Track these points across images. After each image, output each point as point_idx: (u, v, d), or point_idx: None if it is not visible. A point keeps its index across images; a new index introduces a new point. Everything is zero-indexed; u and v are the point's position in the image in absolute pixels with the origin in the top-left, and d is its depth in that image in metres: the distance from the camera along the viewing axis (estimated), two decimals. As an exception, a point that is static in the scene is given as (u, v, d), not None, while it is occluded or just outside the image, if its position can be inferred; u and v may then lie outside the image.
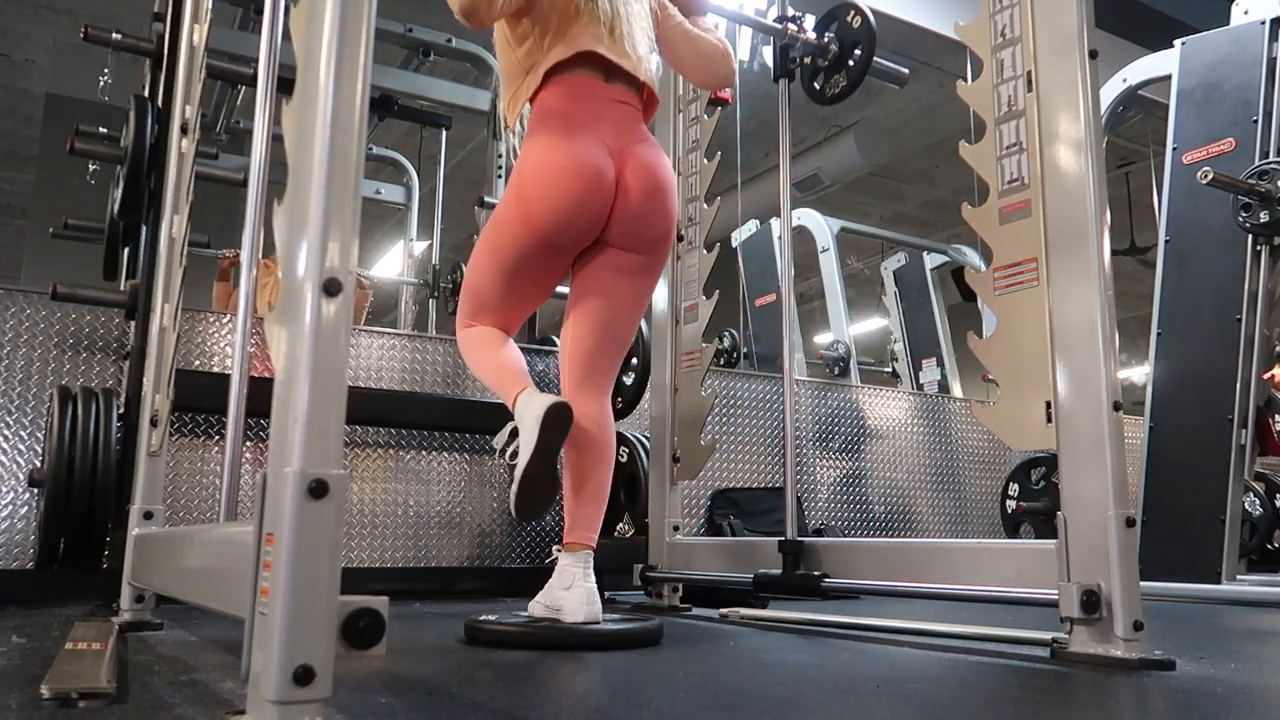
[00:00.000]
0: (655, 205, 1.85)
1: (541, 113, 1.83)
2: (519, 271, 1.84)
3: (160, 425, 1.92)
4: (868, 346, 8.52)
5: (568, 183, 1.75)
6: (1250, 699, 1.25)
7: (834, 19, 2.52)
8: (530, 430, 1.66)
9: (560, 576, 1.80)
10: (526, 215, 1.77)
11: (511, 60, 1.89)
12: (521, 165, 1.81)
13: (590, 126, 1.80)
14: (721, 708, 1.17)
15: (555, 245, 1.81)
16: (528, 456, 1.66)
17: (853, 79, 2.49)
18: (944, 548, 1.92)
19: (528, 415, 1.68)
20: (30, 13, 6.01)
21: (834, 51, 2.51)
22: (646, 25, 1.95)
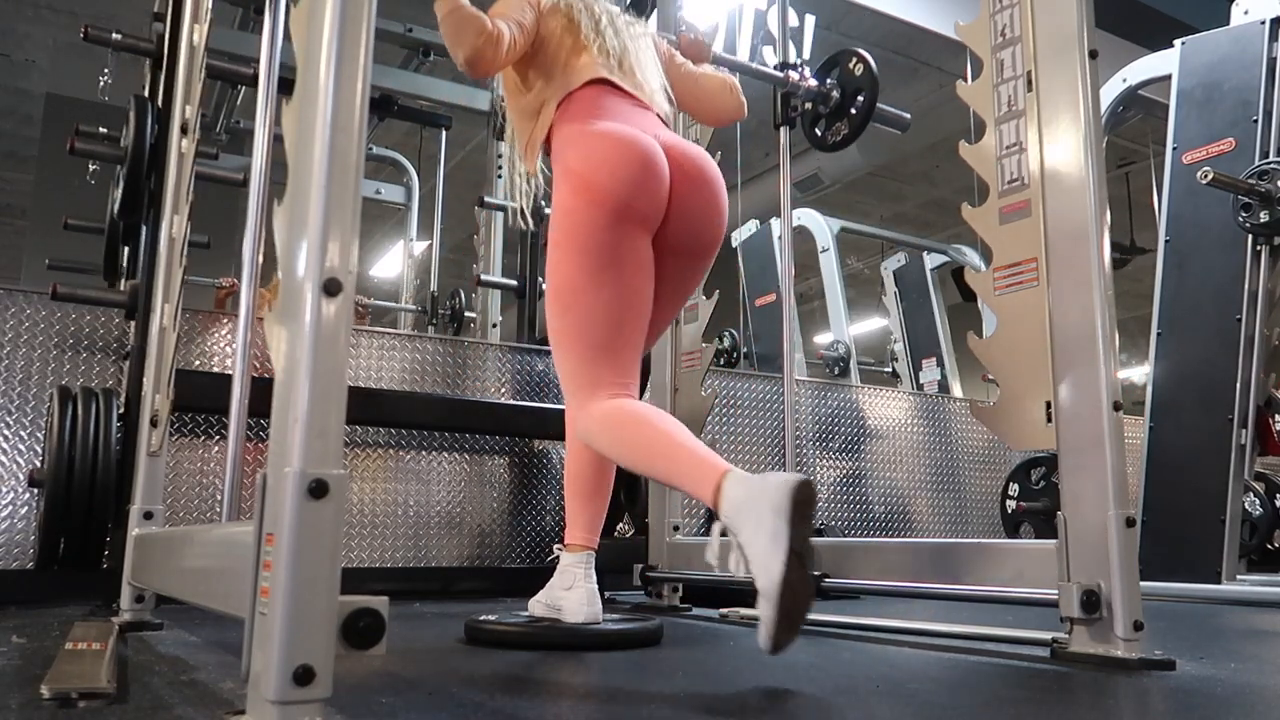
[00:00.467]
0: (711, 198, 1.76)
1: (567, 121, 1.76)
2: (612, 262, 1.62)
3: (160, 425, 1.92)
4: (868, 346, 8.52)
5: (621, 146, 1.65)
6: (1250, 699, 1.25)
7: (835, 65, 2.49)
8: (770, 526, 1.24)
9: (561, 576, 1.80)
10: (591, 190, 1.63)
11: (522, 104, 1.86)
12: (567, 163, 1.69)
13: (627, 119, 1.74)
14: (722, 708, 1.17)
15: (634, 214, 1.63)
16: (780, 564, 1.22)
17: (855, 127, 2.45)
18: (944, 548, 1.92)
19: (756, 506, 1.27)
20: (30, 13, 6.01)
21: (835, 99, 2.48)
22: (655, 62, 1.94)
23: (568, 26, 1.84)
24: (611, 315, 1.62)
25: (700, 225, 1.76)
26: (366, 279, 8.62)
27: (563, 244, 1.65)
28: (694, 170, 1.74)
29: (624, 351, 1.64)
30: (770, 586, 1.22)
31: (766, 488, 1.27)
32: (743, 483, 1.32)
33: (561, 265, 1.65)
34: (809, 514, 1.26)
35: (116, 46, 2.48)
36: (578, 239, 1.63)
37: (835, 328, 6.21)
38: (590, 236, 1.62)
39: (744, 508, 1.29)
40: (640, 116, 1.77)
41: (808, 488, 1.26)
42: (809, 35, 5.48)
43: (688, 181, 1.72)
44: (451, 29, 1.71)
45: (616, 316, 1.62)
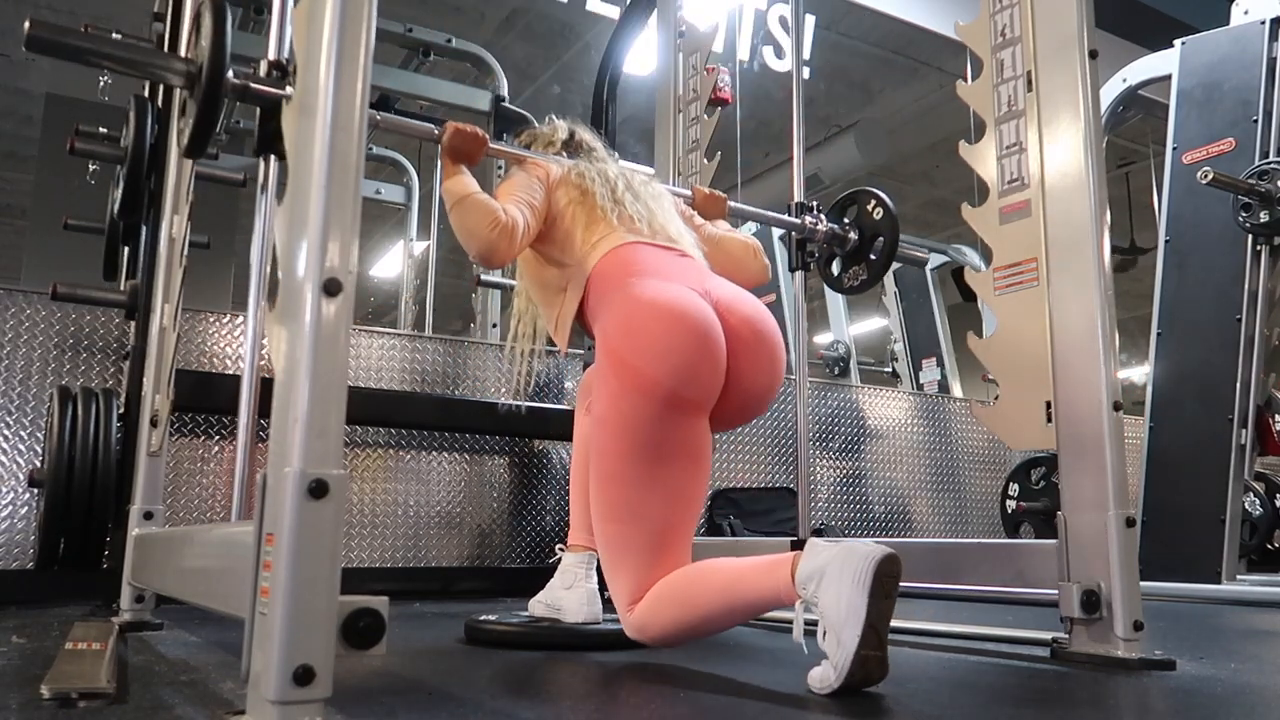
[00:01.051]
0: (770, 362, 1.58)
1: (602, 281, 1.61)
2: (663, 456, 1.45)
3: (160, 425, 1.92)
4: (868, 346, 8.52)
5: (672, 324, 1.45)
6: (1250, 699, 1.25)
7: (852, 203, 2.31)
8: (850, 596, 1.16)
9: (562, 576, 1.80)
10: (638, 378, 1.44)
11: (544, 278, 1.74)
12: (608, 336, 1.52)
13: (668, 275, 1.57)
14: (722, 707, 1.17)
15: (685, 403, 1.45)
16: (857, 633, 1.15)
17: (874, 273, 2.27)
18: (944, 548, 1.92)
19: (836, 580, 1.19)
20: (30, 13, 6.01)
21: (853, 241, 2.29)
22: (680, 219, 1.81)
23: (580, 199, 1.72)
24: (663, 515, 1.46)
25: (758, 392, 1.58)
26: (366, 279, 8.62)
27: (609, 431, 1.47)
28: (752, 337, 1.55)
29: (674, 549, 1.47)
30: (843, 661, 1.16)
31: (846, 564, 1.19)
32: (820, 552, 1.23)
33: (608, 455, 1.47)
34: (893, 589, 1.19)
35: (116, 46, 2.48)
36: (625, 427, 1.45)
37: (835, 328, 6.21)
38: (639, 427, 1.44)
39: (821, 577, 1.21)
40: (684, 268, 1.62)
41: (894, 563, 1.18)
42: (809, 35, 5.49)
43: (746, 349, 1.54)
44: (462, 219, 1.62)
45: (668, 516, 1.46)
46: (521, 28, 5.96)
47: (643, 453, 1.44)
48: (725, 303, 1.55)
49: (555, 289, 1.70)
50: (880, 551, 1.18)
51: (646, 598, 1.43)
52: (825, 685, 1.19)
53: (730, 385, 1.52)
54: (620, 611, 1.48)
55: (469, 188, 1.65)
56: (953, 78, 5.08)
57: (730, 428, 1.66)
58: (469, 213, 1.62)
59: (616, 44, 3.18)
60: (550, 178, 1.76)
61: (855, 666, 1.16)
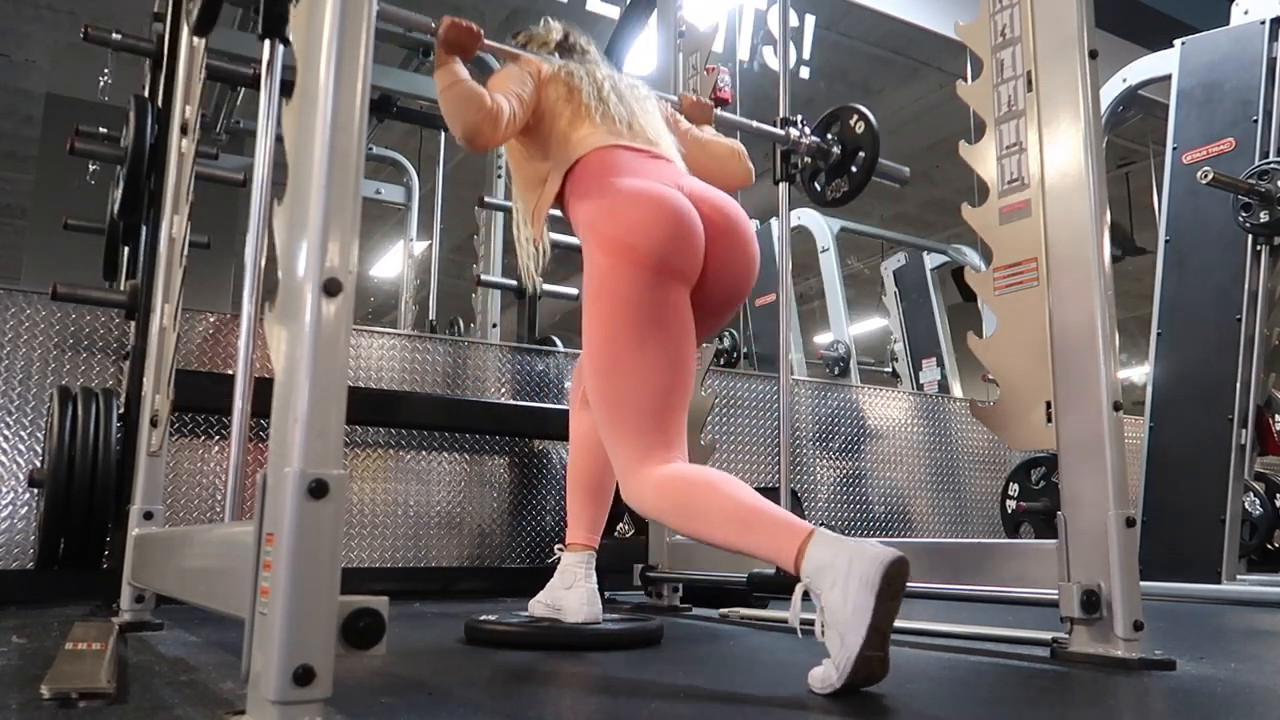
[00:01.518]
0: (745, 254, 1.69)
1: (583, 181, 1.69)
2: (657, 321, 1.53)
3: (160, 425, 1.92)
4: (868, 346, 8.52)
5: (656, 207, 1.56)
6: (1250, 699, 1.25)
7: (835, 120, 2.44)
8: (857, 600, 1.18)
9: (562, 576, 1.80)
10: (631, 252, 1.53)
11: (529, 171, 1.80)
12: (594, 224, 1.60)
13: (645, 173, 1.66)
14: (721, 708, 1.17)
15: (673, 272, 1.55)
16: (860, 641, 1.16)
17: (855, 185, 2.40)
18: (944, 548, 1.92)
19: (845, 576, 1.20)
20: (30, 13, 6.01)
21: (835, 155, 2.43)
22: (663, 124, 1.87)
23: (567, 96, 1.78)
24: (659, 377, 1.52)
25: (734, 279, 1.68)
26: (366, 279, 8.62)
27: (602, 302, 1.55)
28: (725, 224, 1.65)
29: (671, 414, 1.53)
30: (845, 661, 1.17)
31: (856, 560, 1.20)
32: (832, 545, 1.24)
33: (604, 323, 1.54)
34: (899, 591, 1.19)
35: (116, 46, 2.48)
36: (619, 295, 1.53)
37: (835, 328, 6.21)
38: (632, 294, 1.52)
39: (830, 571, 1.22)
40: (660, 168, 1.69)
41: (902, 566, 1.19)
42: (809, 35, 5.49)
43: (721, 237, 1.63)
44: (450, 104, 1.67)
45: (664, 379, 1.52)
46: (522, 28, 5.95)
47: (637, 317, 1.52)
48: (699, 194, 1.66)
49: (535, 182, 1.78)
50: (889, 554, 1.19)
51: (656, 482, 1.47)
52: (826, 685, 1.19)
53: (709, 268, 1.62)
54: (619, 473, 1.52)
55: (460, 75, 1.71)
56: (953, 78, 5.08)
57: (710, 328, 1.74)
58: (457, 97, 1.67)
59: (616, 44, 3.18)
60: (541, 74, 1.82)
61: (858, 666, 1.17)
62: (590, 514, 1.84)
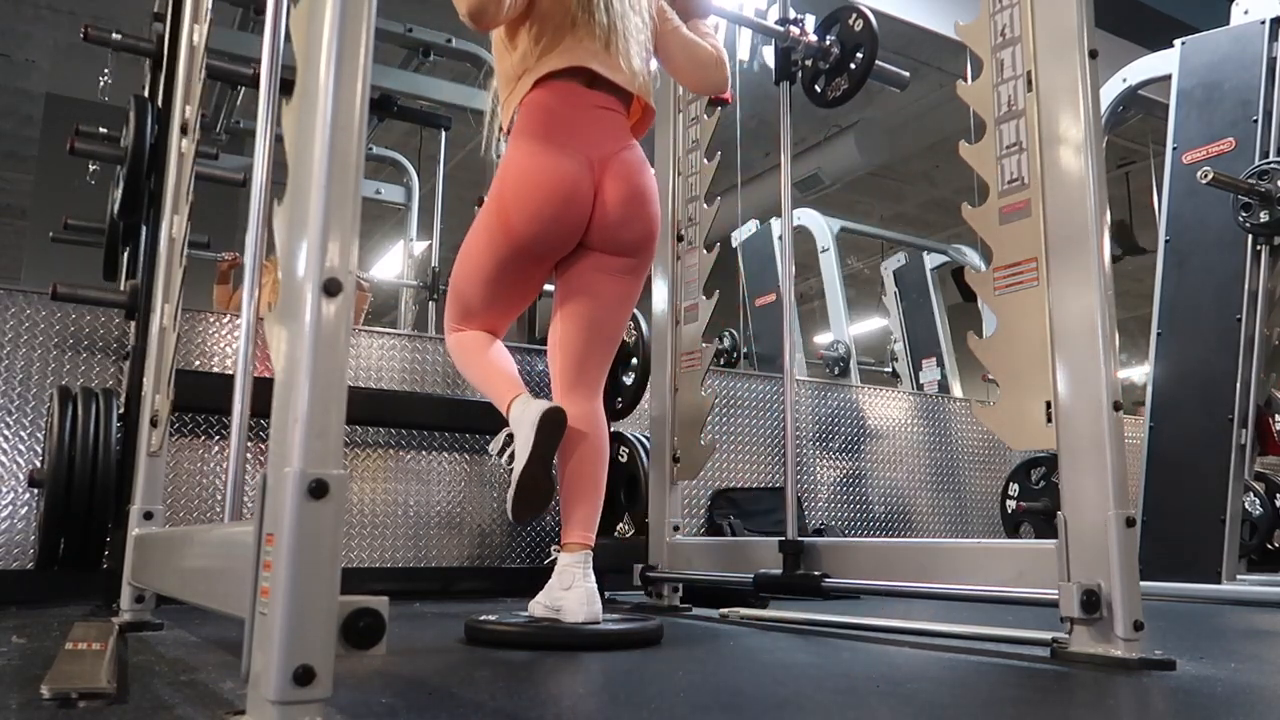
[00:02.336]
0: (634, 211, 1.86)
1: (526, 116, 1.83)
2: (500, 277, 1.87)
3: (160, 425, 1.92)
4: (868, 346, 8.51)
5: (545, 196, 1.78)
6: (1250, 699, 1.26)
7: (835, 21, 2.50)
8: (526, 435, 1.69)
9: (560, 576, 1.80)
10: (506, 224, 1.81)
11: (507, 64, 1.89)
12: (504, 172, 1.83)
13: (572, 135, 1.81)
14: (721, 708, 1.17)
15: (534, 254, 1.84)
16: (524, 461, 1.69)
17: (854, 82, 2.47)
18: (944, 548, 1.92)
19: (523, 421, 1.71)
20: (30, 13, 6.01)
21: (835, 54, 2.49)
22: (644, 38, 1.93)
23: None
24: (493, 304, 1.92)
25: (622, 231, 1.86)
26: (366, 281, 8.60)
27: (472, 247, 1.88)
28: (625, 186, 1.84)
29: (495, 314, 1.94)
30: (516, 473, 1.71)
31: (528, 409, 1.71)
32: (521, 402, 1.76)
33: (464, 261, 1.89)
34: (555, 430, 1.71)
35: (116, 46, 2.48)
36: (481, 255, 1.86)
37: (835, 328, 6.21)
38: (491, 256, 1.85)
39: (518, 419, 1.74)
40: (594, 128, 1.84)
41: (557, 412, 1.71)
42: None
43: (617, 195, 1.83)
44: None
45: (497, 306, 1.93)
46: (521, 28, 5.94)
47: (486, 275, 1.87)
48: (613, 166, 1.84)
49: (512, 77, 1.87)
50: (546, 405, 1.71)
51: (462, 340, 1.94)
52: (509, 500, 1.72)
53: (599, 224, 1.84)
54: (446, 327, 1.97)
55: None
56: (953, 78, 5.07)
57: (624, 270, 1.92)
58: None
59: (616, 44, 3.17)
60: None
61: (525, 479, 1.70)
62: (583, 512, 1.84)
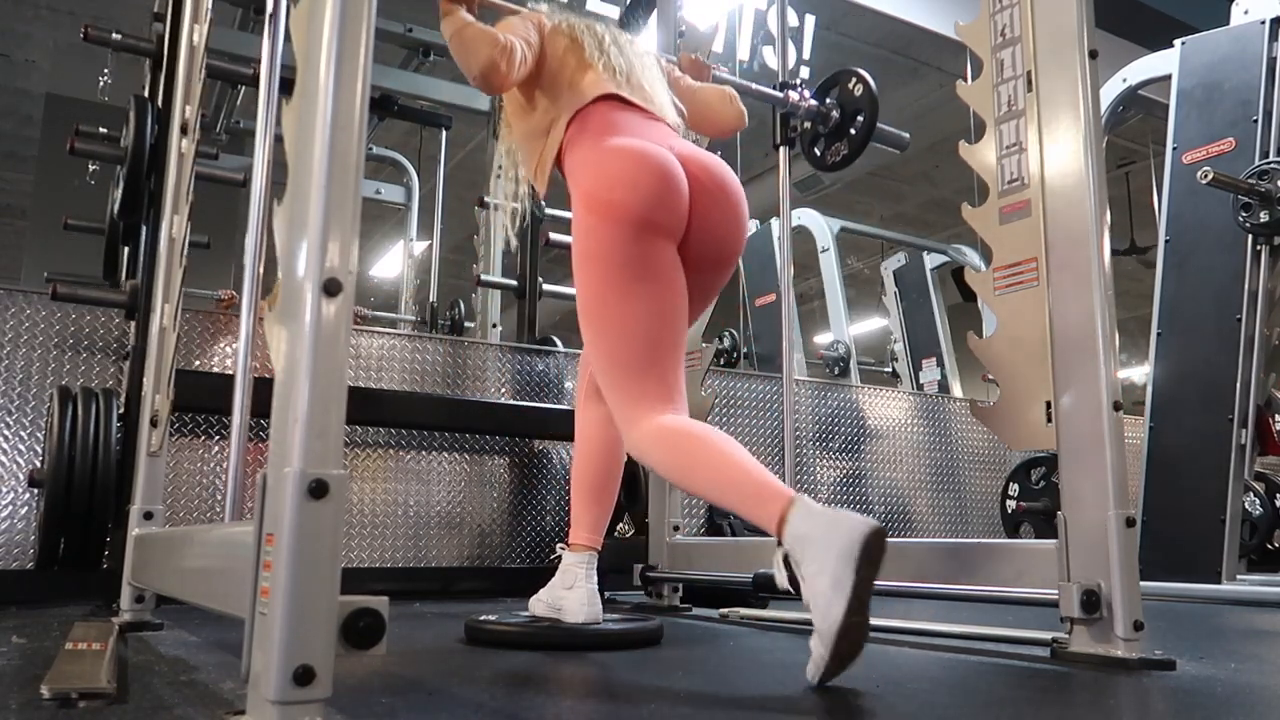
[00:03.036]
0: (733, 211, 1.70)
1: (579, 136, 1.72)
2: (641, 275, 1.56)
3: (160, 425, 1.92)
4: (868, 346, 8.52)
5: (636, 161, 1.59)
6: (1250, 699, 1.25)
7: (835, 84, 2.46)
8: (837, 564, 1.22)
9: (563, 576, 1.80)
10: (610, 208, 1.57)
11: (529, 124, 1.82)
12: (579, 181, 1.66)
13: (636, 132, 1.69)
14: (721, 708, 1.17)
15: (655, 227, 1.57)
16: (842, 608, 1.20)
17: (854, 148, 2.43)
18: (944, 548, 1.92)
19: (828, 545, 1.24)
20: (30, 13, 6.01)
21: (835, 119, 2.45)
22: (660, 77, 1.91)
23: (571, 46, 1.82)
24: (647, 329, 1.55)
25: (721, 237, 1.69)
26: (366, 279, 8.62)
27: (587, 262, 1.58)
28: (712, 183, 1.68)
29: (665, 364, 1.56)
30: (828, 630, 1.21)
31: (836, 528, 1.24)
32: (810, 517, 1.28)
33: (590, 283, 1.58)
34: (877, 561, 1.23)
35: (116, 46, 2.48)
36: (602, 254, 1.56)
37: (835, 328, 6.21)
38: (615, 250, 1.55)
39: (809, 545, 1.25)
40: (652, 129, 1.73)
41: (879, 537, 1.23)
42: (809, 35, 5.49)
43: (707, 195, 1.66)
44: (462, 45, 1.69)
45: (653, 331, 1.55)
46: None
47: (622, 273, 1.55)
48: (688, 155, 1.68)
49: (539, 133, 1.79)
50: (867, 527, 1.23)
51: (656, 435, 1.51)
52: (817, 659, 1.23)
53: (695, 225, 1.64)
54: (621, 426, 1.57)
55: (468, 19, 1.73)
56: (953, 78, 5.08)
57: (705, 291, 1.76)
58: (470, 38, 1.69)
59: (616, 44, 3.17)
60: (543, 25, 1.84)
61: (841, 635, 1.21)
62: (593, 514, 1.84)
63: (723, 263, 1.75)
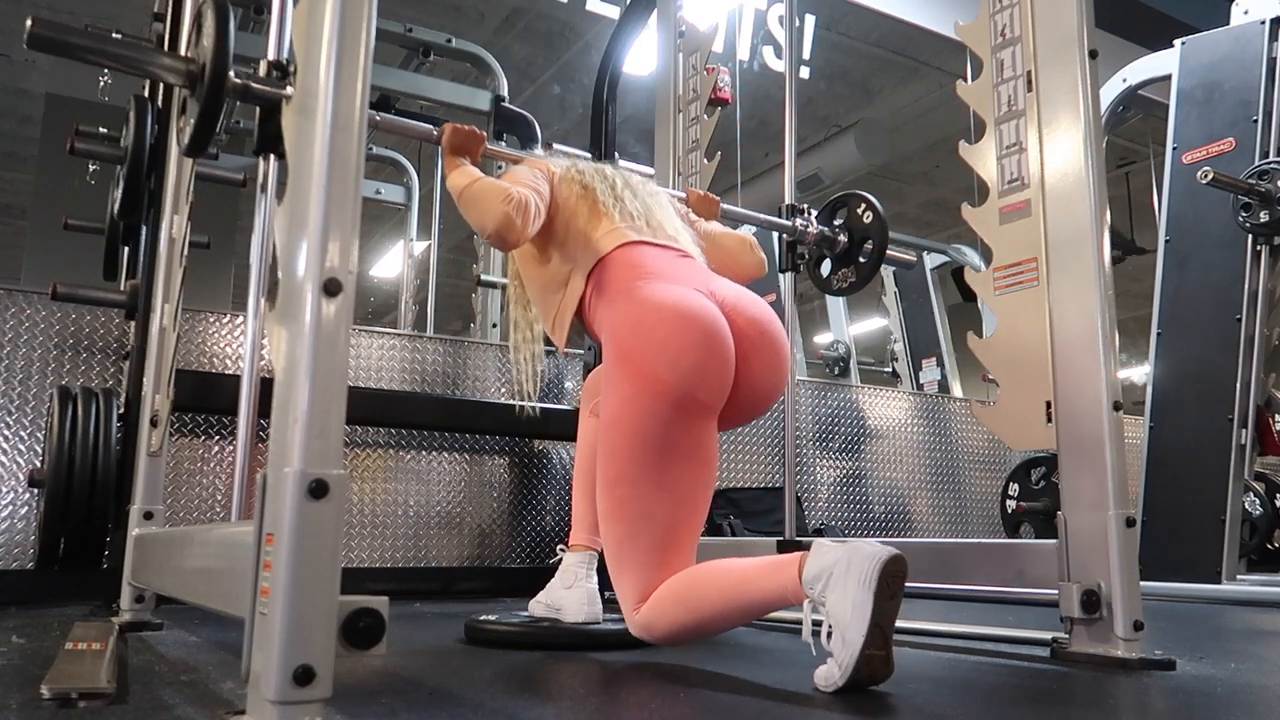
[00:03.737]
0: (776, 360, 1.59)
1: (606, 284, 1.63)
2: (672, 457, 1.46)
3: (160, 425, 1.92)
4: (868, 346, 8.52)
5: (683, 325, 1.47)
6: (1250, 699, 1.26)
7: (843, 206, 2.35)
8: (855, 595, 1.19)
9: (563, 576, 1.80)
10: (650, 381, 1.45)
11: (545, 276, 1.74)
12: (617, 336, 1.53)
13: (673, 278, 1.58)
14: (721, 708, 1.17)
15: (696, 405, 1.47)
16: (862, 635, 1.17)
17: (863, 276, 2.30)
18: (944, 548, 1.92)
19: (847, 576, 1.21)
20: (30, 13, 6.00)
21: (842, 244, 2.33)
22: (676, 216, 1.85)
23: (582, 195, 1.75)
24: (670, 518, 1.46)
25: (765, 388, 1.59)
26: (366, 279, 8.62)
27: (619, 431, 1.48)
28: (758, 335, 1.57)
29: (678, 554, 1.47)
30: (848, 660, 1.18)
31: (852, 563, 1.20)
32: (825, 553, 1.25)
33: (617, 455, 1.47)
34: (899, 590, 1.20)
35: (116, 46, 2.48)
36: (635, 431, 1.46)
37: (835, 328, 6.22)
38: (650, 429, 1.45)
39: (829, 577, 1.22)
40: (688, 269, 1.64)
41: (899, 564, 1.20)
42: (809, 36, 5.49)
43: (753, 349, 1.55)
44: (473, 201, 1.63)
45: (675, 520, 1.47)
46: (521, 28, 5.96)
47: (653, 454, 1.45)
48: (731, 303, 1.57)
49: (556, 284, 1.71)
50: (886, 552, 1.19)
51: (652, 599, 1.43)
52: (830, 683, 1.21)
53: (737, 385, 1.53)
54: (626, 612, 1.48)
55: (475, 173, 1.69)
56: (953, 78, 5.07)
57: (732, 427, 1.67)
58: (480, 194, 1.63)
59: (616, 44, 3.18)
60: (551, 173, 1.79)
61: (860, 664, 1.17)
62: (594, 516, 1.84)
63: (760, 408, 1.63)
